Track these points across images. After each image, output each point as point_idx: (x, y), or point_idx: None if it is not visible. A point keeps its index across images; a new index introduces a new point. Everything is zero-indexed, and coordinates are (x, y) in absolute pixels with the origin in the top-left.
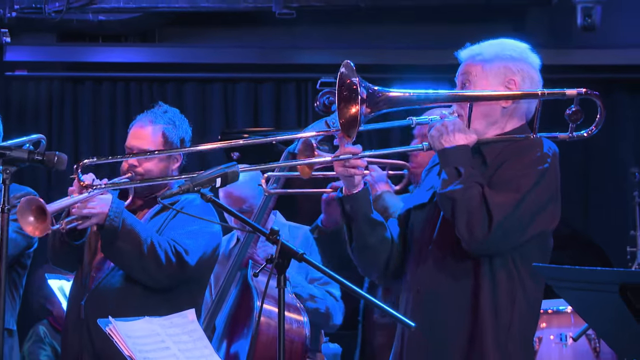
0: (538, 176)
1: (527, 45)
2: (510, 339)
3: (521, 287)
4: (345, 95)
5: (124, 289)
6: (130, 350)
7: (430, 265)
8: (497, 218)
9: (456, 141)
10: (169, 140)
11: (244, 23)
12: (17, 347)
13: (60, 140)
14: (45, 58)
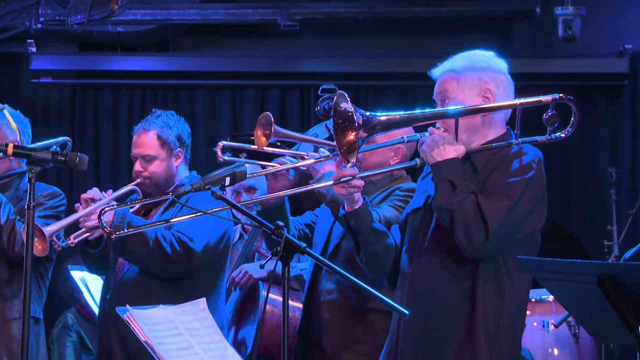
0: (526, 183)
1: (493, 52)
2: (499, 331)
3: (509, 282)
4: (341, 124)
5: (142, 280)
6: (146, 336)
7: (424, 262)
8: (493, 225)
9: (447, 154)
10: (166, 141)
11: (252, 34)
12: (43, 334)
13: (82, 143)
14: (68, 66)
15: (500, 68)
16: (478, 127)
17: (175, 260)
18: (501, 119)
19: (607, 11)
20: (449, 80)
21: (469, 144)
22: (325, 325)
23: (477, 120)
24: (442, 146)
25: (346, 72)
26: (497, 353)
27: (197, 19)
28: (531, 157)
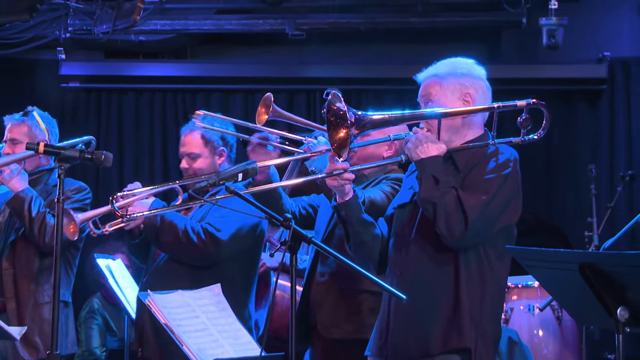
0: (502, 179)
1: (473, 60)
2: (482, 313)
3: (490, 270)
4: (334, 121)
5: (174, 268)
6: (166, 319)
7: (411, 252)
8: (471, 217)
9: (430, 152)
10: (210, 140)
11: (262, 43)
12: (72, 316)
13: (107, 142)
14: (94, 72)
15: (480, 74)
16: (458, 128)
17: (202, 249)
18: (479, 121)
19: (587, 21)
20: (432, 85)
21: (450, 143)
22: (318, 307)
23: (457, 122)
24: (425, 144)
25: (349, 77)
26: (482, 335)
27: (212, 29)
28: (507, 156)
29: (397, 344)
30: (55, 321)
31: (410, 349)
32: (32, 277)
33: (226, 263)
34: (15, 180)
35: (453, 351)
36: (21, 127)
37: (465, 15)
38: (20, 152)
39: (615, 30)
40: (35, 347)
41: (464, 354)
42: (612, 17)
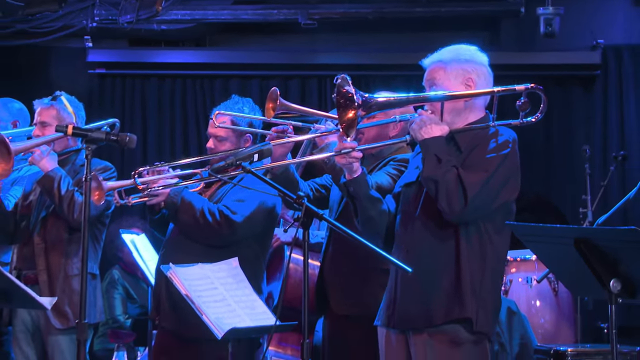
0: (501, 159)
1: (476, 47)
2: (483, 285)
3: (490, 244)
4: (342, 103)
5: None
6: (186, 290)
7: (416, 229)
8: (471, 194)
9: (433, 133)
10: (236, 123)
11: (276, 31)
12: (99, 287)
13: (132, 125)
14: (119, 59)
15: (482, 61)
16: (461, 110)
17: (217, 230)
18: (481, 104)
19: (582, 11)
20: (437, 69)
21: (453, 124)
22: (330, 282)
23: (460, 104)
24: (429, 125)
25: (358, 64)
26: (482, 305)
27: (230, 18)
28: (506, 137)
29: (403, 314)
30: (83, 292)
31: (415, 319)
32: (62, 250)
33: (241, 243)
34: (45, 160)
35: (455, 321)
36: (50, 111)
37: (467, 5)
38: (49, 134)
39: (609, 19)
40: (65, 316)
41: (465, 324)
42: (605, 6)
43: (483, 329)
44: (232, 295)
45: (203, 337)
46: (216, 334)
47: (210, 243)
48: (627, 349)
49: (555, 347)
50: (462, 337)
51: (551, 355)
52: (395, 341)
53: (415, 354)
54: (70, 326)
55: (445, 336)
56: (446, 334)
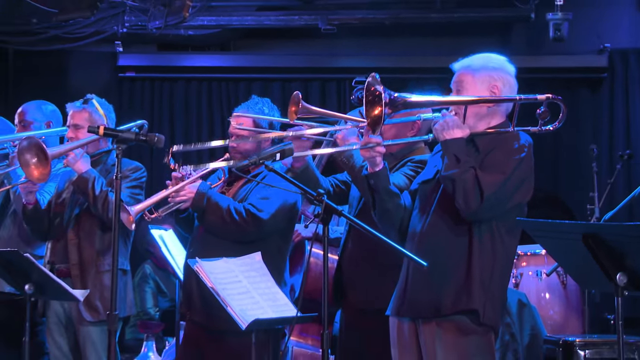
0: (517, 162)
1: (505, 57)
2: (492, 281)
3: (501, 243)
4: (370, 100)
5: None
6: (212, 283)
7: (431, 224)
8: (487, 193)
9: (454, 134)
10: (259, 124)
11: (297, 36)
12: (130, 282)
13: (160, 126)
14: (148, 63)
15: (509, 70)
16: (483, 115)
17: (244, 228)
18: (503, 111)
19: (589, 16)
20: (465, 74)
21: (474, 128)
22: (347, 277)
23: (483, 110)
24: (451, 127)
25: (375, 67)
26: (490, 298)
27: (253, 24)
28: (523, 141)
29: (413, 303)
30: (114, 285)
31: (425, 308)
32: (94, 247)
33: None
34: (79, 162)
35: (462, 312)
36: (82, 114)
37: (479, 11)
38: (81, 135)
39: (615, 24)
40: (96, 309)
41: (472, 315)
42: (612, 11)
43: (489, 321)
44: (256, 287)
45: (229, 329)
46: (240, 324)
47: (237, 240)
48: (633, 339)
49: (563, 337)
50: (469, 328)
51: (560, 345)
52: (406, 330)
53: (424, 342)
54: (100, 319)
55: (452, 326)
56: (454, 324)
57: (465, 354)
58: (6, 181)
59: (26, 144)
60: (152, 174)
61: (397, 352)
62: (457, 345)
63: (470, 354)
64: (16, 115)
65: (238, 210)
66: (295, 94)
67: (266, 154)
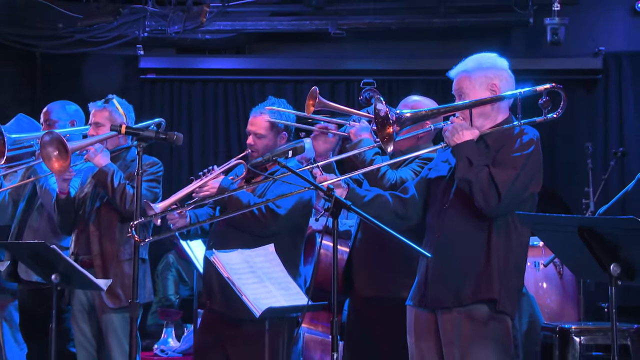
0: (527, 156)
1: (496, 54)
2: (507, 270)
3: (515, 233)
4: (380, 122)
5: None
6: (228, 273)
7: (447, 219)
8: (503, 191)
9: (464, 137)
10: (275, 124)
11: (308, 40)
12: (148, 271)
13: (179, 124)
14: (168, 66)
15: (502, 65)
16: (488, 114)
17: (263, 223)
18: (505, 106)
19: (585, 21)
20: (463, 79)
21: (482, 127)
22: (356, 267)
23: (487, 108)
24: (460, 132)
25: (382, 70)
26: (506, 287)
27: (267, 29)
28: (531, 136)
29: (435, 295)
30: (136, 274)
31: (446, 299)
32: (114, 238)
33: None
34: (99, 157)
35: (481, 301)
36: (103, 113)
37: (480, 16)
38: (102, 133)
39: (610, 29)
40: (117, 297)
41: (490, 304)
42: (606, 16)
43: (506, 309)
44: (269, 277)
45: (245, 317)
46: (254, 312)
47: (256, 233)
48: (626, 326)
49: (560, 324)
50: (487, 316)
51: (556, 332)
52: (424, 319)
53: (444, 330)
54: (122, 306)
55: (472, 314)
56: (473, 313)
57: (484, 341)
58: (32, 175)
59: (48, 139)
60: (171, 170)
61: (413, 340)
62: (476, 332)
63: (488, 341)
64: (42, 115)
65: (258, 206)
66: (313, 89)
67: (279, 151)
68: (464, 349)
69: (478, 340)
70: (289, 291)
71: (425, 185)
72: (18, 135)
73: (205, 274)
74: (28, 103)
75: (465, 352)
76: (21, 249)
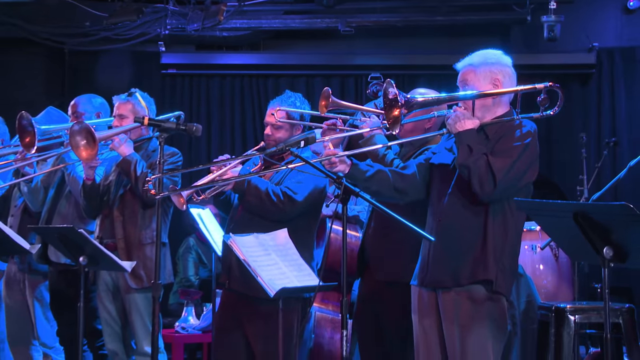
0: (525, 147)
1: (501, 51)
2: (504, 253)
3: (511, 218)
4: (388, 103)
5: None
6: (244, 256)
7: (448, 204)
8: (499, 177)
9: (466, 126)
10: (291, 115)
11: (320, 37)
12: (168, 253)
13: (198, 117)
14: (187, 61)
15: (506, 62)
16: (489, 106)
17: (281, 208)
18: (506, 100)
19: (580, 18)
20: (468, 72)
21: (483, 118)
22: (369, 251)
23: (488, 101)
24: (462, 120)
25: (388, 64)
26: (501, 269)
27: (281, 26)
28: (528, 128)
29: (435, 276)
30: (158, 257)
31: (445, 280)
32: (137, 223)
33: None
34: (123, 146)
35: (478, 281)
36: (126, 105)
37: (481, 14)
38: (126, 125)
39: (603, 26)
40: (140, 278)
41: (487, 284)
42: (600, 14)
43: (501, 289)
44: (282, 259)
45: (261, 296)
46: (269, 292)
47: (273, 219)
48: (618, 305)
49: (556, 304)
50: (484, 296)
51: (552, 311)
52: (426, 298)
53: (444, 308)
54: (144, 286)
55: (469, 294)
56: (470, 293)
57: (481, 319)
58: (61, 163)
59: (77, 128)
60: (190, 160)
61: (417, 317)
62: (473, 311)
63: (485, 319)
64: (69, 107)
65: (276, 193)
66: (325, 90)
67: (292, 141)
68: (463, 326)
69: (475, 318)
70: (301, 272)
71: (427, 168)
72: (47, 126)
73: (224, 256)
74: (57, 96)
75: (463, 329)
76: (51, 233)
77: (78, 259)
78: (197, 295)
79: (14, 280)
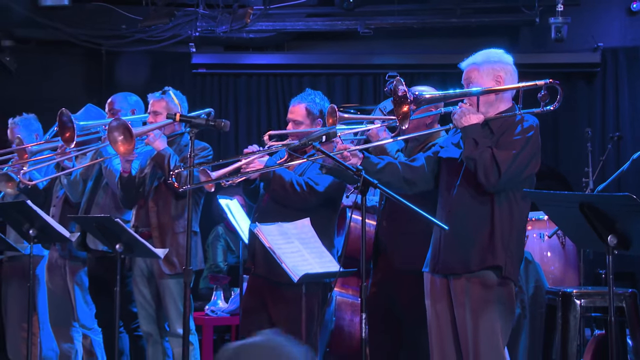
0: (527, 140)
1: (503, 50)
2: (511, 240)
3: (517, 207)
4: (398, 100)
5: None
6: (269, 243)
7: (457, 195)
8: (503, 169)
9: (471, 121)
10: (311, 112)
11: (340, 38)
12: (199, 242)
13: (226, 114)
14: (216, 61)
15: (508, 61)
16: (493, 102)
17: (303, 197)
18: (508, 97)
19: (586, 20)
20: (472, 70)
21: (487, 113)
22: (384, 240)
23: (492, 97)
24: (467, 115)
25: (405, 64)
26: (509, 255)
27: (304, 28)
28: (531, 122)
29: (446, 263)
30: (189, 245)
31: (456, 266)
32: (170, 213)
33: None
34: (158, 141)
35: (488, 268)
36: (160, 103)
37: (492, 17)
38: (160, 121)
39: (607, 26)
40: (173, 264)
41: (496, 270)
42: (604, 16)
43: (510, 275)
44: (305, 247)
45: (285, 281)
46: (293, 278)
47: (296, 208)
48: (621, 290)
49: (562, 289)
50: (493, 281)
51: (559, 295)
52: (438, 284)
53: (455, 294)
54: (177, 272)
55: (479, 280)
56: (480, 278)
57: (491, 303)
58: (99, 157)
59: (115, 124)
60: (219, 155)
61: (430, 302)
62: (483, 296)
63: (494, 303)
64: (106, 105)
65: (299, 183)
66: (330, 107)
67: (313, 136)
68: (473, 310)
69: (485, 303)
70: (323, 259)
71: (436, 161)
72: (86, 122)
73: (250, 243)
74: (95, 94)
75: (474, 313)
76: (89, 222)
77: (115, 246)
78: (226, 280)
79: (55, 266)
